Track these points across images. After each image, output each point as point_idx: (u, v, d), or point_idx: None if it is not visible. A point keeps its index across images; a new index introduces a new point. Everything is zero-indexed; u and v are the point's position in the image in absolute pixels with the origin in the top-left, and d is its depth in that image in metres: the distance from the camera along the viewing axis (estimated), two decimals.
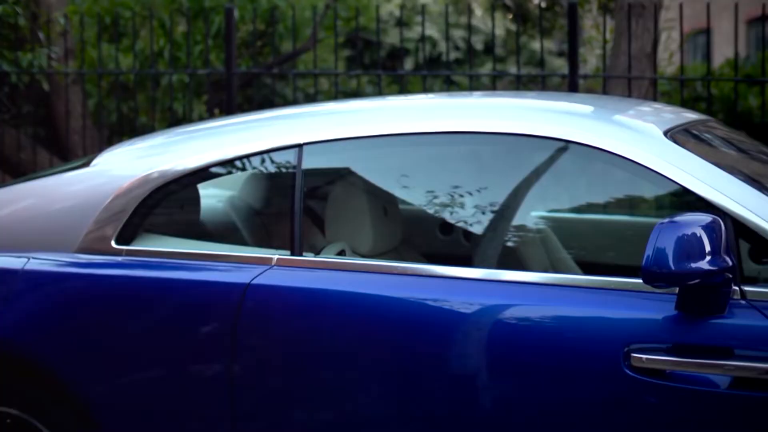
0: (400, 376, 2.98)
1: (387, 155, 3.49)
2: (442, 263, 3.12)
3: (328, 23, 9.50)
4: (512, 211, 3.50)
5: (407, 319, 2.99)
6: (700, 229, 2.66)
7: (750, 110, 7.39)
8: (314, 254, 3.32)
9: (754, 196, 2.87)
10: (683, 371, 2.73)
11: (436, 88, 13.19)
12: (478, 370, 2.93)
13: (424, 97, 4.19)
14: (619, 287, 2.87)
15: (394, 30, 17.71)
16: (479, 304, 2.95)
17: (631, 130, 3.10)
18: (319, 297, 3.08)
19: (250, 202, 3.93)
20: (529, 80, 9.85)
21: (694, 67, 9.42)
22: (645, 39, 6.44)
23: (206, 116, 8.20)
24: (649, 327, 2.78)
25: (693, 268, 2.63)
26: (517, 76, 6.84)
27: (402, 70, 7.23)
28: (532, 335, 2.88)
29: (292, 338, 3.09)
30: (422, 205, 3.73)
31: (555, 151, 3.21)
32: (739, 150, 3.49)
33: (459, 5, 18.33)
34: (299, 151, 3.29)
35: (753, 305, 2.73)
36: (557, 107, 3.44)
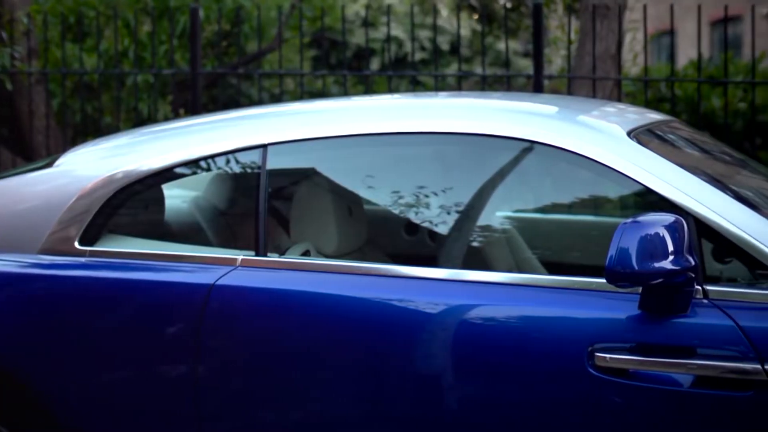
0: (365, 376, 2.98)
1: (352, 155, 3.49)
2: (407, 263, 3.13)
3: (293, 23, 9.48)
4: (477, 211, 3.51)
5: (372, 319, 2.99)
6: (663, 228, 2.67)
7: (713, 111, 7.44)
8: (279, 255, 3.31)
9: (717, 196, 2.89)
10: (647, 370, 2.75)
11: (402, 88, 13.20)
12: (443, 370, 2.93)
13: (389, 98, 4.20)
14: (583, 287, 2.89)
15: (360, 30, 17.70)
16: (444, 305, 2.96)
17: (594, 130, 3.11)
18: (283, 298, 3.08)
19: (215, 202, 3.92)
20: (495, 81, 9.87)
21: (658, 68, 9.47)
22: (609, 40, 6.48)
23: (171, 116, 8.16)
24: (612, 327, 2.80)
25: (656, 268, 2.64)
26: (483, 76, 6.85)
27: (368, 71, 7.22)
28: (497, 335, 2.89)
29: (256, 339, 3.08)
30: (387, 205, 3.73)
31: (520, 152, 3.22)
32: (701, 150, 3.51)
33: (425, 6, 18.36)
34: (264, 152, 3.28)
35: (715, 304, 2.75)
36: (522, 108, 3.45)
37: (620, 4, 6.48)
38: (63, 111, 7.85)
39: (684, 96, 7.54)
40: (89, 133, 8.00)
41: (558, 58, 10.18)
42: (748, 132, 7.23)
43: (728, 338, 2.70)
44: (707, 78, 7.43)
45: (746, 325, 2.69)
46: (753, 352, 2.67)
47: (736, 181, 3.25)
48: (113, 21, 7.68)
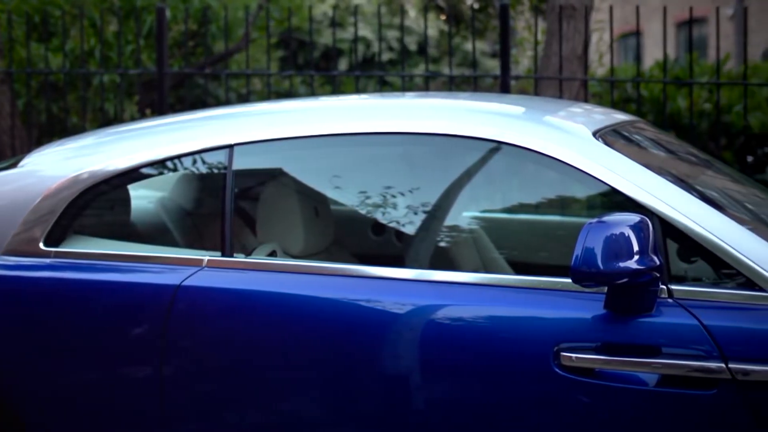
0: (332, 377, 2.98)
1: (319, 156, 3.49)
2: (374, 264, 3.13)
3: (260, 23, 9.47)
4: (444, 211, 3.51)
5: (339, 320, 2.98)
6: (628, 228, 2.69)
7: (679, 111, 7.47)
8: (245, 255, 3.31)
9: (682, 197, 2.91)
10: (612, 370, 2.76)
11: (369, 88, 13.20)
12: (410, 370, 2.93)
13: (356, 98, 4.20)
14: (550, 287, 2.90)
15: (327, 30, 17.70)
16: (411, 305, 2.96)
17: (560, 130, 3.13)
18: (249, 298, 3.07)
19: (181, 203, 3.91)
20: (462, 81, 9.89)
21: (624, 68, 9.52)
22: (576, 41, 6.50)
23: (137, 116, 8.13)
24: (578, 326, 2.81)
25: (621, 268, 2.65)
26: (450, 77, 6.87)
27: (335, 71, 7.22)
28: (463, 335, 2.89)
29: (222, 340, 3.07)
30: (354, 205, 3.73)
31: (486, 152, 3.23)
32: (667, 151, 3.53)
33: (392, 6, 18.37)
34: (230, 152, 3.27)
35: (680, 304, 2.77)
36: (488, 108, 3.46)
37: (586, 5, 6.51)
38: (28, 111, 7.80)
39: (650, 97, 7.58)
40: (55, 134, 7.96)
41: (525, 58, 10.21)
42: (713, 132, 7.28)
43: (693, 337, 2.71)
44: (673, 79, 7.47)
45: (710, 324, 2.71)
46: (717, 351, 2.68)
47: (701, 182, 3.28)
48: (79, 20, 7.64)
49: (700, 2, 14.87)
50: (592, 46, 8.31)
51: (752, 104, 7.36)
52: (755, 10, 17.87)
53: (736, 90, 7.47)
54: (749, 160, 7.21)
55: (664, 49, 6.36)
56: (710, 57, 17.20)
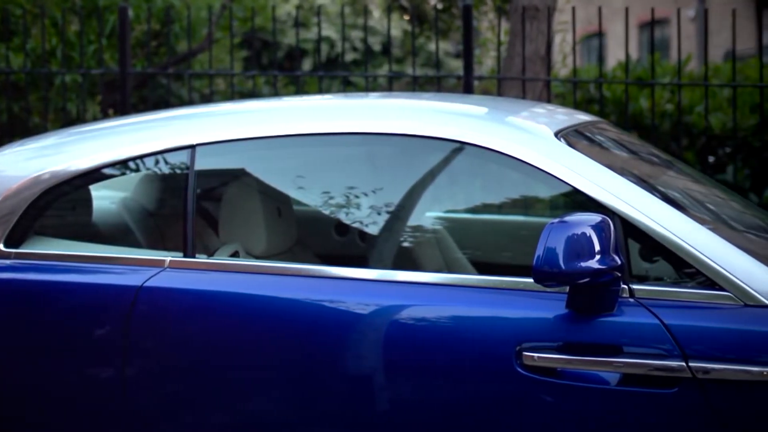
0: (295, 378, 2.97)
1: (282, 156, 3.48)
2: (337, 264, 3.12)
3: (224, 23, 9.43)
4: (407, 211, 3.52)
5: (302, 320, 2.98)
6: (590, 228, 2.70)
7: (641, 112, 7.51)
8: (207, 256, 3.30)
9: (643, 197, 2.93)
10: (574, 369, 2.77)
11: (333, 89, 13.19)
12: (374, 370, 2.94)
13: (319, 98, 4.19)
14: (512, 287, 2.91)
15: (292, 31, 17.66)
16: (374, 305, 2.96)
17: (522, 131, 3.14)
18: (212, 299, 3.06)
19: (144, 203, 3.89)
20: (425, 81, 9.90)
21: (587, 69, 9.55)
22: (539, 41, 6.52)
23: (100, 117, 8.07)
24: (540, 326, 2.82)
25: (583, 267, 2.67)
26: (414, 77, 6.87)
27: (299, 71, 7.21)
28: (427, 335, 2.90)
29: (185, 341, 3.06)
30: (318, 206, 3.73)
31: (449, 152, 3.23)
32: (628, 151, 3.55)
33: (356, 6, 18.36)
34: (192, 152, 3.26)
35: (641, 303, 2.79)
36: (451, 108, 3.47)
37: (549, 5, 6.53)
38: None
39: (612, 97, 7.61)
40: (16, 134, 7.89)
41: (489, 59, 10.24)
42: (674, 133, 7.32)
43: (654, 336, 2.73)
44: (635, 80, 7.51)
45: (671, 323, 2.73)
46: (678, 349, 2.70)
47: (662, 182, 3.30)
48: (40, 19, 7.58)
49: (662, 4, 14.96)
50: (555, 47, 8.35)
51: (713, 105, 7.41)
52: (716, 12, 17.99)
53: (698, 91, 7.52)
54: (710, 160, 7.26)
55: (626, 50, 6.40)
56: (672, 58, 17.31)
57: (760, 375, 2.65)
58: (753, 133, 7.13)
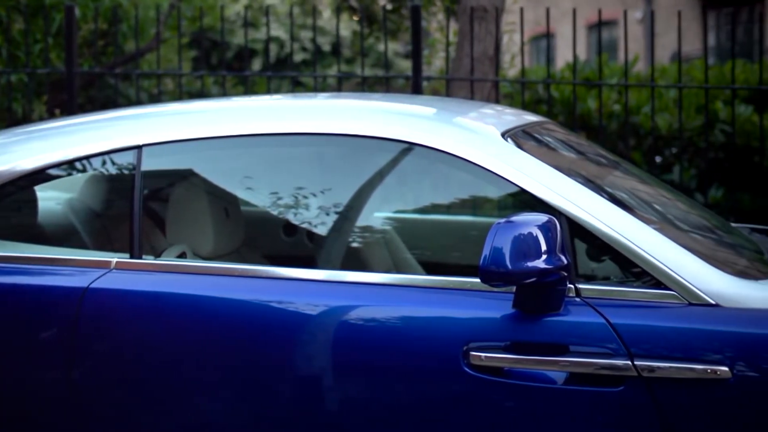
0: (244, 379, 2.96)
1: (229, 157, 3.47)
2: (285, 265, 3.12)
3: (172, 23, 9.38)
4: (356, 212, 3.52)
5: (250, 321, 2.97)
6: (536, 228, 2.71)
7: (589, 112, 7.56)
8: (154, 257, 3.28)
9: (589, 197, 2.95)
10: (521, 368, 2.79)
11: (283, 89, 13.16)
12: (323, 371, 2.93)
13: (268, 98, 4.18)
14: (459, 287, 2.92)
15: (241, 30, 17.59)
16: (323, 306, 2.96)
17: (469, 131, 3.15)
18: (158, 300, 3.04)
19: (90, 204, 3.86)
20: (375, 82, 9.91)
21: (536, 69, 9.61)
22: (488, 42, 6.55)
23: (46, 117, 8.00)
24: (487, 325, 2.83)
25: (529, 267, 2.68)
26: (363, 77, 6.87)
27: (247, 71, 7.18)
28: (375, 336, 2.90)
29: (132, 343, 3.04)
30: (266, 206, 3.72)
31: (398, 153, 3.24)
32: (576, 151, 3.57)
33: (305, 6, 18.34)
34: (138, 153, 3.24)
35: (587, 302, 2.81)
36: (400, 109, 3.47)
37: (497, 6, 6.56)
38: None
39: (561, 98, 7.66)
40: None
41: (438, 59, 10.26)
42: (622, 133, 7.38)
43: (600, 335, 2.75)
44: (583, 80, 7.56)
45: (617, 323, 2.75)
46: (623, 348, 2.72)
47: (609, 182, 3.32)
48: None
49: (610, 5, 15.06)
50: (504, 48, 8.38)
51: (660, 106, 7.48)
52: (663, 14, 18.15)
53: (645, 92, 7.59)
54: (657, 160, 7.33)
55: (573, 51, 6.44)
56: (620, 59, 17.45)
57: (704, 373, 2.68)
58: (699, 133, 7.21)
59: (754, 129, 7.00)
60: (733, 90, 6.25)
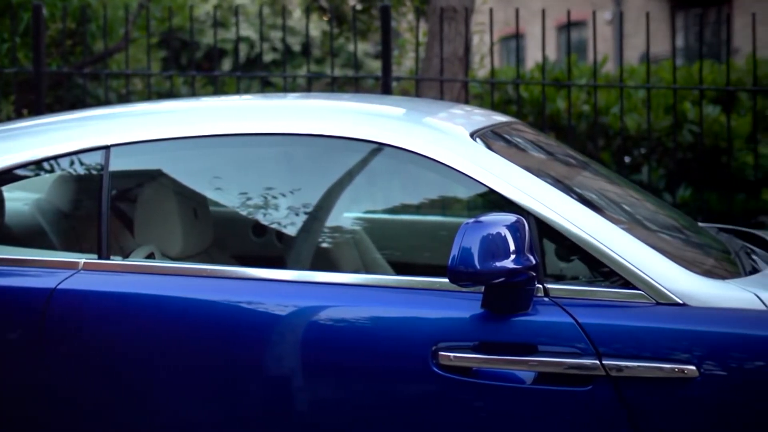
0: (213, 380, 2.95)
1: (198, 157, 3.46)
2: (254, 265, 3.11)
3: (141, 23, 9.34)
4: (326, 212, 3.52)
5: (219, 322, 2.96)
6: (505, 228, 2.72)
7: (558, 113, 7.59)
8: (123, 257, 3.26)
9: (558, 197, 2.96)
10: (490, 368, 2.79)
11: (253, 89, 13.13)
12: (293, 371, 2.93)
13: (237, 99, 4.17)
14: (428, 287, 2.92)
15: (211, 30, 17.54)
16: (293, 306, 2.96)
17: (438, 131, 3.15)
18: (127, 301, 3.03)
19: (58, 204, 3.84)
20: (345, 82, 9.91)
21: (506, 70, 9.64)
22: (457, 42, 6.56)
23: (14, 117, 7.95)
24: (456, 325, 2.83)
25: (498, 267, 2.68)
26: (332, 78, 6.87)
27: (217, 72, 7.16)
28: (345, 336, 2.90)
29: (100, 344, 3.03)
30: (235, 206, 3.71)
31: (368, 153, 3.24)
32: (544, 152, 3.58)
33: (275, 6, 18.31)
34: (106, 153, 3.23)
35: (556, 302, 2.82)
36: (369, 109, 3.47)
37: (467, 6, 6.57)
38: None
39: (530, 98, 7.68)
40: None
41: (408, 60, 10.26)
42: (591, 134, 7.41)
43: (568, 335, 2.76)
44: (552, 81, 7.58)
45: (585, 322, 2.76)
46: (592, 348, 2.74)
47: (577, 183, 3.33)
48: None
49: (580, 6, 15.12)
50: (473, 48, 8.39)
51: (629, 106, 7.51)
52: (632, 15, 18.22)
53: (614, 92, 7.62)
54: (626, 160, 7.36)
55: (542, 52, 6.46)
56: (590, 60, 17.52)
57: (672, 372, 2.70)
58: (667, 133, 7.25)
59: (721, 129, 7.04)
60: (700, 91, 6.29)
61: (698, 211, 6.69)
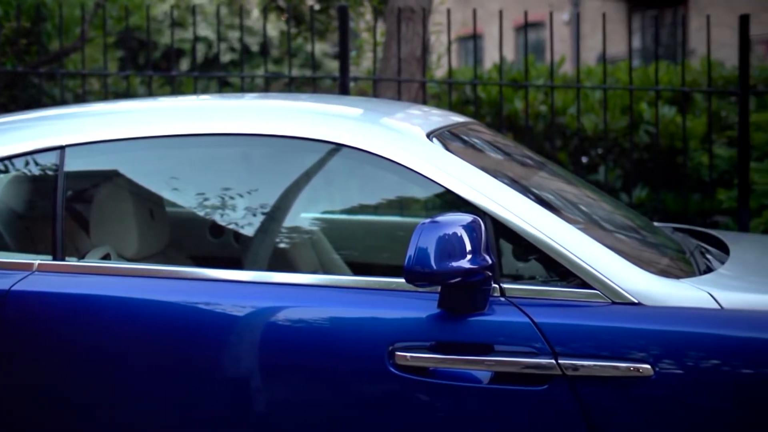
0: (171, 381, 2.94)
1: (155, 157, 3.44)
2: (211, 266, 3.10)
3: (98, 22, 9.27)
4: (283, 213, 3.51)
5: (177, 323, 2.95)
6: (461, 228, 2.73)
7: (515, 113, 7.61)
8: (78, 258, 3.24)
9: (514, 197, 2.97)
10: (446, 368, 2.80)
11: (211, 89, 13.06)
12: (251, 372, 2.92)
13: (195, 99, 4.15)
14: (385, 287, 2.93)
15: (169, 30, 17.45)
16: (250, 307, 2.95)
17: (395, 132, 3.16)
18: (82, 302, 3.01)
19: (12, 205, 3.80)
20: (303, 82, 9.89)
21: (464, 70, 9.64)
22: (415, 43, 6.56)
23: None
24: (413, 326, 2.84)
25: (454, 267, 2.69)
26: (290, 78, 6.86)
27: (174, 71, 7.13)
28: (302, 337, 2.90)
29: (55, 346, 3.01)
30: (192, 207, 3.70)
31: (325, 154, 3.24)
32: (501, 152, 3.60)
33: (233, 6, 18.24)
34: (61, 153, 3.21)
35: (512, 302, 2.83)
36: (326, 110, 3.47)
37: (425, 7, 6.57)
38: None
39: (488, 98, 7.69)
40: None
41: (366, 60, 10.27)
42: (548, 134, 7.44)
43: (525, 335, 2.77)
44: (510, 81, 7.60)
45: (541, 322, 2.78)
46: (548, 347, 2.75)
47: (534, 183, 3.35)
48: None
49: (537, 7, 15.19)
50: (431, 48, 8.41)
51: (586, 107, 7.55)
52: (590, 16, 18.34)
53: (571, 93, 7.65)
54: (583, 161, 7.39)
55: (500, 52, 6.48)
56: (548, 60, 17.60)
57: (627, 371, 2.71)
58: (623, 134, 7.29)
59: (677, 130, 7.09)
60: (656, 91, 6.33)
61: (654, 211, 6.73)
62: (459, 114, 3.95)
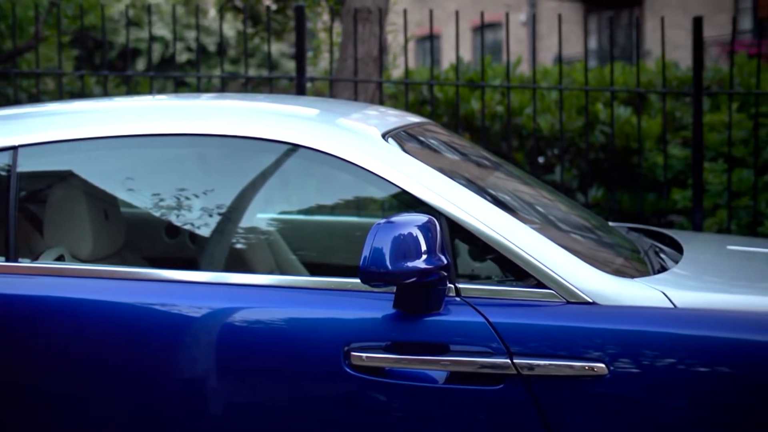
0: (127, 383, 2.93)
1: (110, 158, 3.42)
2: (167, 267, 3.09)
3: (53, 21, 9.20)
4: (239, 213, 3.50)
5: (132, 324, 2.94)
6: (416, 228, 2.73)
7: (472, 113, 7.63)
8: (31, 260, 3.22)
9: (469, 197, 2.98)
10: (402, 368, 2.80)
11: (167, 89, 13.01)
12: (207, 374, 2.92)
13: (150, 99, 4.13)
14: (341, 287, 2.93)
15: (125, 30, 17.36)
16: (206, 308, 2.95)
17: (351, 132, 3.16)
18: (36, 304, 2.99)
19: None
20: (259, 82, 9.87)
21: (421, 71, 9.66)
22: (371, 43, 6.56)
23: None
24: (368, 326, 2.84)
25: (409, 267, 2.70)
26: (247, 78, 6.84)
27: (130, 71, 7.08)
28: (259, 338, 2.89)
29: (8, 349, 2.98)
30: (147, 208, 3.68)
31: (281, 154, 3.23)
32: (457, 152, 3.61)
33: (189, 6, 18.18)
34: (14, 153, 3.18)
35: (467, 302, 2.84)
36: (282, 110, 3.46)
37: (381, 7, 6.58)
38: None
39: (444, 99, 7.71)
40: None
41: (323, 60, 10.26)
42: (504, 134, 7.47)
43: (480, 334, 2.78)
44: (466, 81, 7.62)
45: (497, 321, 2.79)
46: (503, 347, 2.76)
47: (490, 183, 3.36)
48: None
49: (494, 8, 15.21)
50: (388, 49, 8.41)
51: (542, 107, 7.59)
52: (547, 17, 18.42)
53: (527, 93, 7.69)
54: (540, 161, 7.43)
55: (456, 53, 6.50)
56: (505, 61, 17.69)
57: (582, 370, 2.73)
58: (579, 134, 7.33)
59: (632, 130, 7.14)
60: (612, 92, 6.37)
61: (610, 211, 6.78)
62: (415, 114, 3.96)
